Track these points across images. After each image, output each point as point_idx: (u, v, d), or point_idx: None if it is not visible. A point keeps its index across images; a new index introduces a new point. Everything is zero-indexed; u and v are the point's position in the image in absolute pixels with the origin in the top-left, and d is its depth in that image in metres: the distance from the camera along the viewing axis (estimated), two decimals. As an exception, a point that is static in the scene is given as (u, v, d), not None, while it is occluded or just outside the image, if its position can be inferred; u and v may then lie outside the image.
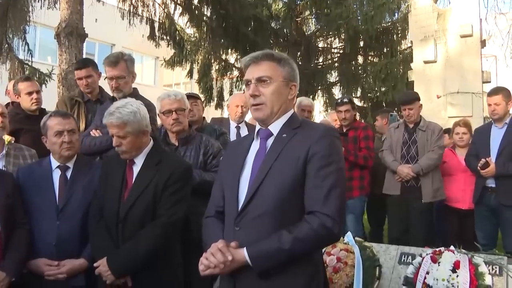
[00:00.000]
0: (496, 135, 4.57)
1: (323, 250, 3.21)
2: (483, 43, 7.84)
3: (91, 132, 3.57)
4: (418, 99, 5.06)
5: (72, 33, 6.97)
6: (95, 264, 2.60)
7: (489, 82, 7.80)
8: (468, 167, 4.77)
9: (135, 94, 3.68)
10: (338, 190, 1.80)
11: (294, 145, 1.85)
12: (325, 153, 1.81)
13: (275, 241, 1.75)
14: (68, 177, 2.92)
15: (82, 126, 4.01)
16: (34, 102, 4.34)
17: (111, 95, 3.85)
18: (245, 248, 1.78)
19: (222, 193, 2.05)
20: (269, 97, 1.89)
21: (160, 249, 2.62)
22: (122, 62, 3.65)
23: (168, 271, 2.70)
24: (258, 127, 2.02)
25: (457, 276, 2.92)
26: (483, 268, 2.95)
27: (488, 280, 2.88)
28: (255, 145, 1.99)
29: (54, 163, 2.95)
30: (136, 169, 2.74)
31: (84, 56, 7.29)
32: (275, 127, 1.95)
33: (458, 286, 2.88)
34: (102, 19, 14.78)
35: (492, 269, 2.98)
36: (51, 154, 2.98)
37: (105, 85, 3.97)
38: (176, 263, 2.79)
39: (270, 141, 1.94)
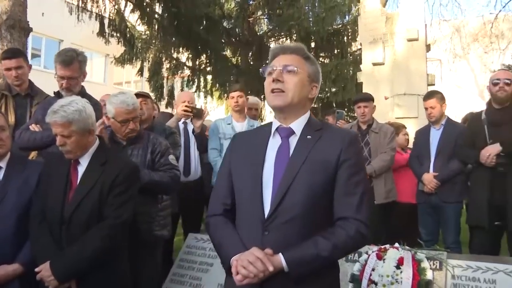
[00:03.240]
0: (434, 136, 4.75)
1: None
2: (428, 47, 8.12)
3: (30, 127, 3.42)
4: (373, 100, 5.19)
5: (14, 26, 6.66)
6: (36, 269, 2.48)
7: (434, 85, 8.08)
8: (411, 170, 4.92)
9: (82, 92, 3.57)
10: (367, 197, 1.84)
11: (322, 149, 1.83)
12: (355, 161, 1.83)
13: (312, 248, 1.72)
14: (1, 177, 2.77)
15: (12, 121, 3.82)
16: None
17: (45, 88, 3.72)
18: (280, 254, 1.72)
19: (229, 190, 1.97)
20: (292, 87, 1.85)
21: (107, 251, 2.55)
22: (76, 62, 3.51)
23: (115, 273, 2.63)
24: (276, 123, 1.95)
25: (401, 272, 3.01)
26: (425, 264, 3.06)
27: (429, 275, 2.99)
28: (274, 142, 1.92)
29: None
30: (81, 169, 2.66)
31: (30, 51, 7.02)
32: (297, 126, 1.91)
33: (401, 282, 2.97)
34: (49, 13, 14.32)
35: (433, 264, 3.10)
36: None
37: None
38: (124, 265, 2.72)
39: (292, 140, 1.89)
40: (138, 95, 3.89)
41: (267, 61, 2.01)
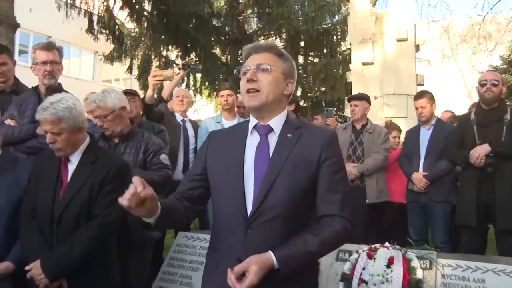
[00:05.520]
0: (424, 136, 4.78)
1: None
2: (417, 48, 8.18)
3: (5, 122, 3.40)
4: (367, 100, 5.22)
5: (1, 22, 6.58)
6: (27, 267, 2.47)
7: (423, 85, 8.13)
8: (401, 168, 4.95)
9: (59, 88, 3.56)
10: (349, 195, 1.86)
11: (303, 148, 1.83)
12: (336, 159, 1.85)
13: (301, 245, 1.73)
14: (-9, 176, 2.75)
15: None
16: None
17: (32, 85, 3.68)
18: (270, 252, 1.70)
19: (194, 184, 1.98)
20: (266, 85, 1.84)
21: (96, 250, 2.54)
22: (55, 49, 3.56)
23: (104, 272, 2.62)
24: (253, 121, 1.93)
25: (392, 271, 3.02)
26: (415, 263, 3.08)
27: (419, 274, 3.01)
28: (253, 140, 1.91)
29: None
30: (72, 167, 2.64)
31: (17, 48, 6.94)
32: (275, 124, 1.89)
33: (392, 281, 2.98)
34: (37, 9, 14.19)
35: (423, 263, 3.12)
36: None
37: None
38: (113, 264, 2.71)
39: (271, 138, 1.88)
40: (125, 92, 3.87)
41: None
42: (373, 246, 3.25)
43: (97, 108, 3.23)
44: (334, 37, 13.35)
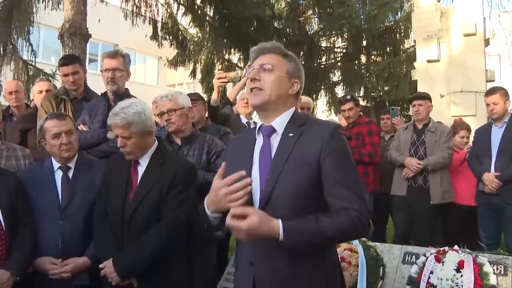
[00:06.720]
0: (496, 135, 4.57)
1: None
2: (486, 42, 7.81)
3: (78, 127, 3.59)
4: (429, 99, 5.11)
5: (75, 33, 7.01)
6: (101, 265, 2.61)
7: (493, 81, 7.76)
8: (471, 169, 4.75)
9: (126, 93, 3.72)
10: (361, 185, 1.84)
11: (304, 146, 1.81)
12: (340, 150, 1.81)
13: (313, 221, 1.70)
14: (70, 177, 2.95)
15: None
16: None
17: (101, 91, 3.90)
18: (280, 220, 1.68)
19: None
20: (269, 84, 1.87)
21: (165, 250, 2.63)
22: (119, 56, 3.74)
23: (172, 272, 2.71)
24: (259, 123, 1.96)
25: (462, 275, 2.92)
26: (487, 268, 2.94)
27: (492, 280, 2.88)
28: (259, 142, 1.93)
29: (56, 164, 2.97)
30: (141, 169, 2.75)
31: (87, 57, 7.32)
32: (278, 124, 1.90)
33: (462, 286, 2.88)
34: (105, 20, 14.84)
35: (497, 268, 2.97)
36: (52, 155, 3.00)
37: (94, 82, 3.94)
38: (181, 264, 2.79)
39: (274, 139, 1.89)
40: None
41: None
42: (441, 249, 3.15)
43: (168, 102, 3.43)
44: (397, 35, 13.05)
